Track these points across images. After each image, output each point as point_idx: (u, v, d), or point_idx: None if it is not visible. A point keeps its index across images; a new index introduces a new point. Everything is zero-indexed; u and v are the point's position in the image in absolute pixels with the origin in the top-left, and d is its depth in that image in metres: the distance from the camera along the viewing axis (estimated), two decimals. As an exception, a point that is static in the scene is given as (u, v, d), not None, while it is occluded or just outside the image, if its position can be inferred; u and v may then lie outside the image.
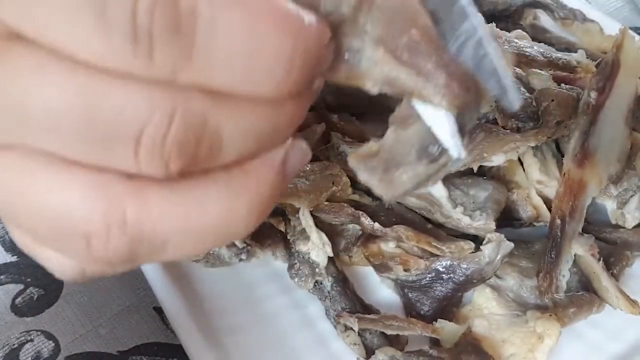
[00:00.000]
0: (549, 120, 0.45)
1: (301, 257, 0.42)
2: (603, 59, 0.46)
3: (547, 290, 0.41)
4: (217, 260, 0.43)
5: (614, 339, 0.42)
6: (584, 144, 0.44)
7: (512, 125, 0.46)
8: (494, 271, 0.41)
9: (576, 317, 0.41)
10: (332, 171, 0.43)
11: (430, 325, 0.40)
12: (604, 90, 0.44)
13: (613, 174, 0.45)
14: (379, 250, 0.43)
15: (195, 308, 0.40)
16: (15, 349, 0.40)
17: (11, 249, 0.45)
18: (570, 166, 0.43)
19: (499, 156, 0.44)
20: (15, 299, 0.43)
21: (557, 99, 0.45)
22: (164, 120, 0.17)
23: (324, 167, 0.43)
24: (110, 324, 0.42)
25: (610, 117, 0.44)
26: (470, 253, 0.41)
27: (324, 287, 0.42)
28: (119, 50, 0.16)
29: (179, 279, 0.41)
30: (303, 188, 0.42)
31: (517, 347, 0.40)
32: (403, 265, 0.42)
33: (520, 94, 0.21)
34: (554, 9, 0.62)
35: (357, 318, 0.39)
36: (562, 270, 0.42)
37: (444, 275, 0.42)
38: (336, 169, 0.43)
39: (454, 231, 0.43)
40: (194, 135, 0.18)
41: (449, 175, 0.43)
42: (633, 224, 0.46)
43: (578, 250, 0.42)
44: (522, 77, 0.50)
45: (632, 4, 0.71)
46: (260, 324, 0.41)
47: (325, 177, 0.42)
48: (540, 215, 0.45)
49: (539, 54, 0.51)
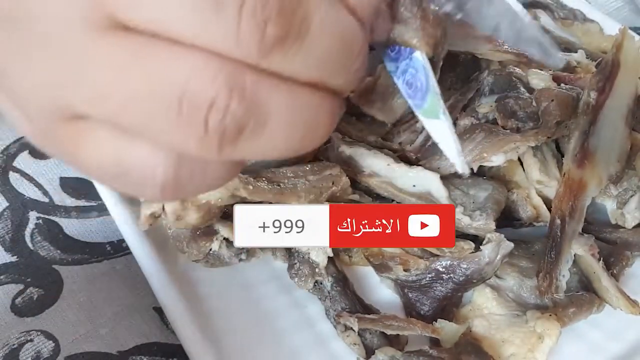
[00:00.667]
0: (549, 120, 0.45)
1: (301, 257, 0.42)
2: (603, 59, 0.46)
3: (547, 290, 0.41)
4: (217, 260, 0.43)
5: (614, 339, 0.42)
6: (584, 144, 0.44)
7: (511, 126, 0.46)
8: (494, 271, 0.41)
9: (576, 317, 0.41)
10: (332, 171, 0.43)
11: (430, 325, 0.40)
12: (603, 90, 0.44)
13: (613, 174, 0.45)
14: (379, 251, 0.43)
15: (195, 308, 0.40)
16: (15, 349, 0.40)
17: (11, 248, 0.45)
18: (570, 166, 0.43)
19: (499, 156, 0.44)
20: (15, 299, 0.43)
21: (556, 99, 0.45)
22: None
23: (324, 167, 0.43)
24: (110, 324, 0.42)
25: (610, 117, 0.44)
26: (470, 253, 0.41)
27: (324, 287, 0.42)
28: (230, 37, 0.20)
29: (179, 279, 0.41)
30: (303, 188, 0.42)
31: (517, 347, 0.39)
32: (403, 265, 0.42)
33: (561, 54, 0.24)
34: (554, 9, 0.62)
35: (357, 318, 0.39)
36: (562, 271, 0.41)
37: (444, 275, 0.42)
38: (336, 169, 0.43)
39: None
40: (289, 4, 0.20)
41: (449, 175, 0.43)
42: (633, 224, 0.46)
43: (578, 250, 0.42)
44: (522, 77, 0.50)
45: (632, 4, 0.71)
46: (260, 324, 0.41)
47: (325, 177, 0.42)
48: (540, 215, 0.45)
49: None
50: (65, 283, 0.44)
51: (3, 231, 0.46)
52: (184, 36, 0.20)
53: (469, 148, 0.45)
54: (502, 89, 0.50)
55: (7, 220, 0.47)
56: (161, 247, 0.42)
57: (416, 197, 0.43)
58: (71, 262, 0.45)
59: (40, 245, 0.45)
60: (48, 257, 0.45)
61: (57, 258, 0.45)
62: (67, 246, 0.46)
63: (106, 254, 0.46)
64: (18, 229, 0.46)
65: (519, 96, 0.47)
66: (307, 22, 0.21)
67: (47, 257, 0.45)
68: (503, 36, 0.25)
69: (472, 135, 0.45)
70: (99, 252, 0.46)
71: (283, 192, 0.41)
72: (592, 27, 0.60)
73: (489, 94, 0.50)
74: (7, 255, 0.45)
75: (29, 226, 0.46)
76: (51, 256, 0.45)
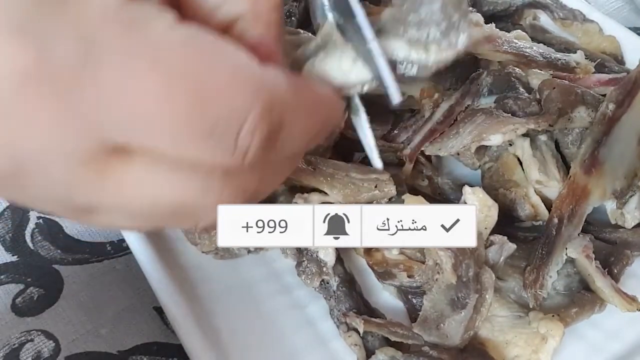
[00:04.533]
0: (550, 107, 0.45)
1: (310, 255, 0.42)
2: (627, 74, 0.46)
3: (532, 285, 0.41)
4: (226, 252, 0.43)
5: (614, 339, 0.42)
6: (594, 152, 0.44)
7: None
8: (496, 273, 0.41)
9: (579, 317, 0.41)
10: (379, 176, 0.42)
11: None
12: (622, 104, 0.44)
13: (617, 189, 0.45)
14: (383, 258, 0.43)
15: (195, 308, 0.40)
16: (16, 349, 0.40)
17: (11, 248, 0.45)
18: (577, 170, 0.43)
19: (497, 136, 0.44)
20: (15, 299, 0.43)
21: (558, 87, 0.46)
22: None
23: (372, 171, 0.43)
24: (111, 324, 0.42)
25: (625, 131, 0.44)
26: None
27: (330, 287, 0.42)
28: (216, 156, 0.23)
29: (179, 279, 0.41)
30: (340, 180, 0.42)
31: (521, 348, 0.39)
32: (407, 271, 0.42)
33: (399, 92, 0.26)
34: (553, 9, 0.62)
35: (364, 320, 0.39)
36: (550, 271, 0.41)
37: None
38: (385, 176, 0.42)
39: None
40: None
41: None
42: (633, 224, 0.46)
43: (572, 254, 0.42)
44: (522, 77, 0.50)
45: (632, 4, 0.72)
46: (260, 324, 0.41)
47: (369, 179, 0.42)
48: (538, 214, 0.45)
49: (538, 55, 0.51)
50: (65, 283, 0.44)
51: (3, 231, 0.46)
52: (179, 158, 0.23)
53: (469, 130, 0.45)
54: (501, 90, 0.50)
55: (8, 220, 0.47)
56: (161, 247, 0.42)
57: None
58: (72, 262, 0.45)
59: (41, 245, 0.45)
60: (48, 257, 0.45)
61: (58, 258, 0.45)
62: (68, 246, 0.46)
63: (106, 253, 0.46)
64: (18, 229, 0.46)
65: (518, 96, 0.48)
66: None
67: (47, 257, 0.45)
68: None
69: (472, 117, 0.45)
70: (99, 252, 0.46)
71: (316, 175, 0.41)
72: (591, 27, 0.60)
73: (488, 95, 0.50)
74: (8, 255, 0.45)
75: (30, 226, 0.46)
76: (51, 256, 0.45)
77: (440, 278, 0.40)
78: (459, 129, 0.46)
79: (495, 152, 0.48)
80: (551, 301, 0.42)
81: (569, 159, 0.47)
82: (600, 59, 0.55)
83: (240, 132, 0.22)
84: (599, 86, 0.49)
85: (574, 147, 0.46)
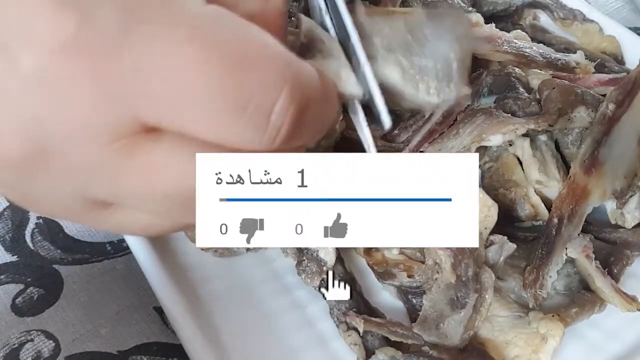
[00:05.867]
0: (550, 107, 0.45)
1: (310, 255, 0.42)
2: (627, 74, 0.46)
3: (532, 285, 0.41)
4: (225, 249, 0.43)
5: (614, 339, 0.42)
6: (594, 152, 0.44)
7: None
8: (496, 273, 0.41)
9: (579, 317, 0.41)
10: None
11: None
12: (622, 104, 0.44)
13: (617, 189, 0.44)
14: (383, 259, 0.43)
15: (195, 308, 0.40)
16: (16, 349, 0.40)
17: (11, 248, 0.45)
18: (577, 170, 0.43)
19: (497, 136, 0.44)
20: (15, 299, 0.43)
21: (558, 87, 0.46)
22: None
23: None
24: (110, 324, 0.42)
25: (625, 132, 0.44)
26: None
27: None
28: (247, 135, 0.22)
29: (179, 279, 0.41)
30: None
31: (521, 348, 0.39)
32: (407, 271, 0.42)
33: (389, 118, 0.25)
34: (553, 9, 0.62)
35: (364, 320, 0.39)
36: (550, 271, 0.41)
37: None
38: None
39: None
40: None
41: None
42: (633, 224, 0.46)
43: (572, 254, 0.42)
44: (522, 78, 0.50)
45: (632, 4, 0.72)
46: (260, 323, 0.41)
47: None
48: (538, 214, 0.45)
49: (538, 55, 0.51)
50: (65, 283, 0.44)
51: (3, 231, 0.46)
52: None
53: (469, 130, 0.45)
54: (501, 90, 0.50)
55: (8, 220, 0.47)
56: (161, 247, 0.42)
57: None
58: (71, 262, 0.45)
59: (41, 244, 0.45)
60: (48, 257, 0.45)
61: (58, 258, 0.45)
62: (68, 246, 0.46)
63: (106, 253, 0.46)
64: (18, 229, 0.46)
65: (518, 96, 0.48)
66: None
67: (47, 257, 0.45)
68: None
69: (472, 118, 0.45)
70: (99, 252, 0.46)
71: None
72: (591, 27, 0.60)
73: (488, 95, 0.50)
74: (8, 255, 0.45)
75: (29, 226, 0.46)
76: (51, 256, 0.45)
77: (440, 277, 0.40)
78: (458, 129, 0.46)
79: (495, 152, 0.48)
80: (551, 301, 0.42)
81: (569, 159, 0.47)
82: (600, 59, 0.55)
83: (273, 110, 0.22)
84: (599, 86, 0.49)
85: (574, 147, 0.46)
